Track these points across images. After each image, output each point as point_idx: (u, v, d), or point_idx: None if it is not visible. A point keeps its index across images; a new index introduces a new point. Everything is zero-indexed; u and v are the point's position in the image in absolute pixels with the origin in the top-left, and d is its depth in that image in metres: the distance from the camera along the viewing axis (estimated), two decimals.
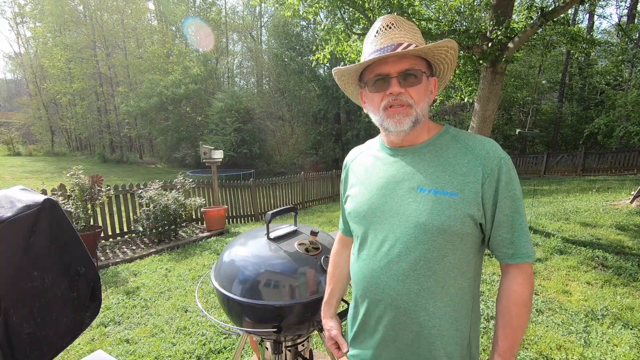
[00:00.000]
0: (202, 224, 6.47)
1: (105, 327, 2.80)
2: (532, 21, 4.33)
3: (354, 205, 0.91)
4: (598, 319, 2.66)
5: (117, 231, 5.38)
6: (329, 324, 1.05)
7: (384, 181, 0.86)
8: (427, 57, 0.82)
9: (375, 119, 0.85)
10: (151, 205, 5.09)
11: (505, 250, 0.79)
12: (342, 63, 5.92)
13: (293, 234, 1.44)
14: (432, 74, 0.86)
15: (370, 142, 1.01)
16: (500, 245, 0.79)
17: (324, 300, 1.10)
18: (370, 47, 0.82)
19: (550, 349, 2.30)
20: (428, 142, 0.84)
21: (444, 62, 0.85)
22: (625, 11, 17.40)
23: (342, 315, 1.20)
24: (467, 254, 0.80)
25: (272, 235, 1.38)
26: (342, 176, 1.05)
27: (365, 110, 0.91)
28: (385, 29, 0.80)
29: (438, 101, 6.62)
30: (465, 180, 0.76)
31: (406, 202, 0.80)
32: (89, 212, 4.60)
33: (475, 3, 6.20)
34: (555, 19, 4.52)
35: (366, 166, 0.94)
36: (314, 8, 5.29)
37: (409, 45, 0.78)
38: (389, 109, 0.80)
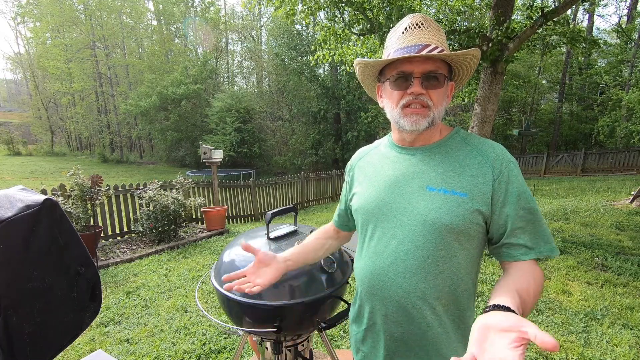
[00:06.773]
0: (202, 223, 6.47)
1: (105, 327, 2.80)
2: (532, 21, 4.32)
3: (361, 202, 0.91)
4: (598, 319, 2.66)
5: (117, 231, 5.38)
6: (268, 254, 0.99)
7: (392, 179, 0.85)
8: (451, 62, 0.82)
9: (391, 115, 0.84)
10: (151, 205, 5.09)
11: (513, 251, 0.76)
12: (342, 66, 5.91)
13: (293, 234, 1.44)
14: (451, 78, 0.86)
15: (378, 142, 1.01)
16: (510, 246, 0.76)
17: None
18: (396, 44, 0.80)
19: None
20: (439, 143, 0.85)
21: (465, 69, 0.85)
22: (626, 11, 17.41)
23: (342, 316, 1.20)
24: (473, 254, 0.80)
25: (272, 235, 1.38)
26: (348, 176, 1.03)
27: (380, 105, 0.91)
28: (414, 28, 0.79)
29: None
30: (474, 181, 0.77)
31: (415, 200, 0.80)
32: (89, 212, 4.60)
33: (475, 3, 6.19)
34: (555, 19, 4.52)
35: (374, 164, 0.94)
36: (312, 8, 5.26)
37: (436, 47, 0.77)
38: (407, 108, 0.79)
